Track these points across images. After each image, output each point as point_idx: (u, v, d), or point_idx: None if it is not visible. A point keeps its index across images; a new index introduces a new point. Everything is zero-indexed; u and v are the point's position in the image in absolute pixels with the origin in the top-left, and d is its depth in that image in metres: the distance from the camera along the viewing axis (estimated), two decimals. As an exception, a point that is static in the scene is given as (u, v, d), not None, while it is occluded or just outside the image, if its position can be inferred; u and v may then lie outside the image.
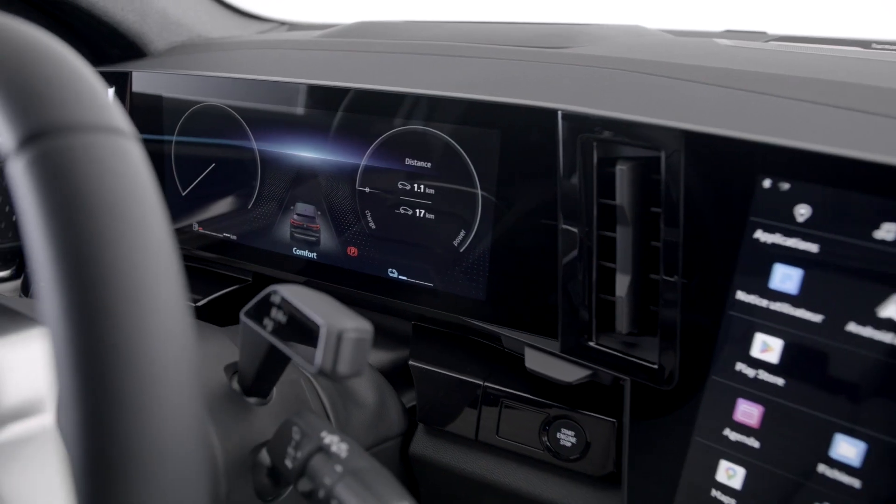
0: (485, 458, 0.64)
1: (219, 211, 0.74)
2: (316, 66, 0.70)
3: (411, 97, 0.61)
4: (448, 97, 0.59)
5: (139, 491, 0.23)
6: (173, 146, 0.76)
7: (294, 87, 0.67)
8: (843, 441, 0.45)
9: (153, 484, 0.24)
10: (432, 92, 0.60)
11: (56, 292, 0.24)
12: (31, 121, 0.26)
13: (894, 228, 0.42)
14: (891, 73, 0.60)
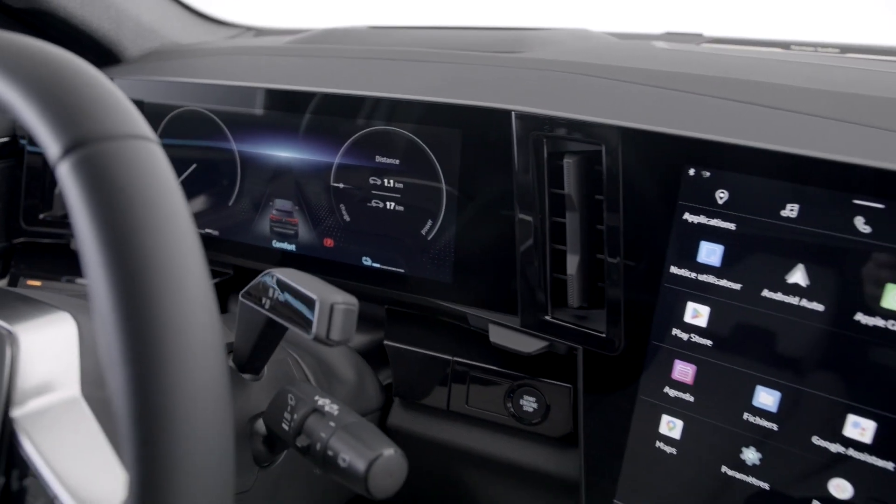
0: (456, 427, 0.70)
1: (201, 208, 0.79)
2: (290, 72, 0.76)
3: (380, 100, 0.67)
4: (413, 100, 0.65)
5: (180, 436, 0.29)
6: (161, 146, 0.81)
7: (271, 91, 0.72)
8: (763, 391, 0.53)
9: (191, 426, 0.29)
10: (399, 95, 0.66)
11: (103, 271, 0.30)
12: (72, 132, 0.31)
13: (797, 208, 0.50)
14: (801, 72, 0.68)
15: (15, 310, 0.43)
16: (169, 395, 0.29)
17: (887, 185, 0.47)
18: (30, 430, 0.37)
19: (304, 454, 0.44)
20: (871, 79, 0.69)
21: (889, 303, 0.47)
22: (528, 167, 0.60)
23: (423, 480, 0.77)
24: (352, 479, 0.41)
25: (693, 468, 0.56)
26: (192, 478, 0.29)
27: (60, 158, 0.31)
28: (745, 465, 0.54)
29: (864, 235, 0.48)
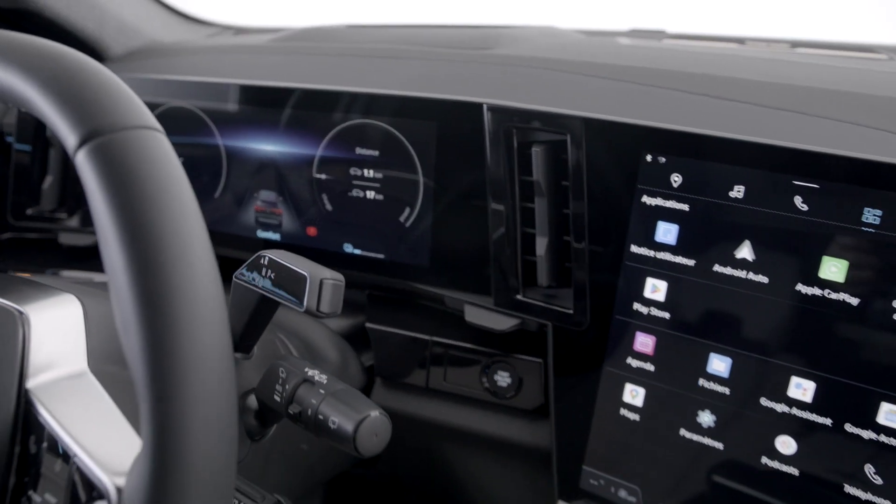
0: (435, 403, 0.74)
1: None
2: (273, 69, 0.79)
3: (359, 95, 0.71)
4: (390, 95, 0.69)
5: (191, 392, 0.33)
6: (141, 145, 0.84)
7: (255, 88, 0.76)
8: (716, 358, 0.58)
9: (200, 383, 0.33)
10: (377, 90, 0.70)
11: (120, 247, 0.33)
12: (88, 125, 0.35)
13: (743, 189, 0.54)
14: (751, 66, 0.73)
15: (23, 292, 0.46)
16: (181, 357, 0.33)
17: (822, 167, 0.52)
18: (44, 399, 0.41)
19: (296, 421, 0.48)
20: (814, 72, 0.74)
21: (825, 273, 0.52)
22: (499, 156, 0.64)
23: (406, 455, 0.81)
24: (341, 439, 0.45)
25: (654, 432, 0.61)
26: (202, 430, 0.33)
27: (78, 148, 0.34)
28: (701, 427, 0.59)
29: (802, 213, 0.52)
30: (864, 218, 0.51)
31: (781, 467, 0.56)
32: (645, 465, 0.62)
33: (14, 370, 0.41)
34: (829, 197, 0.52)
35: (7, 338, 0.42)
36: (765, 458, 0.57)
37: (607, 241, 0.61)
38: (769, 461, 0.57)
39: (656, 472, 0.62)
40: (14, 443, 0.40)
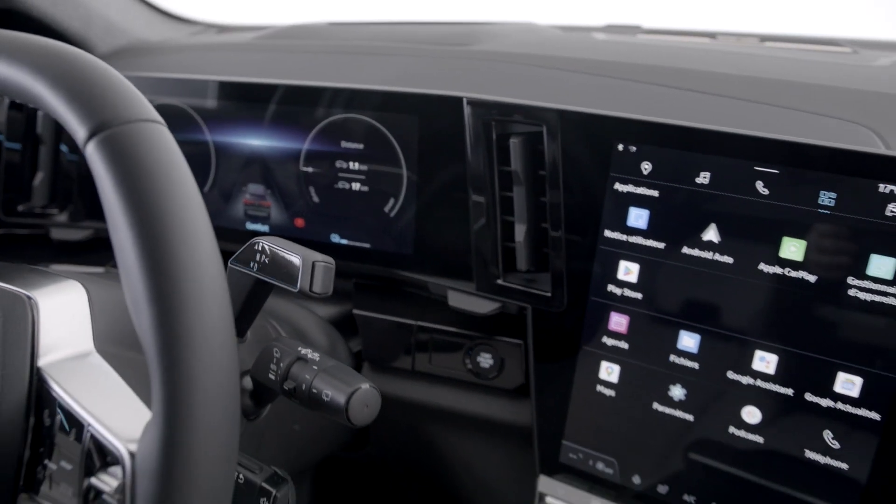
0: (421, 385, 0.77)
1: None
2: (260, 66, 0.82)
3: (344, 91, 0.73)
4: (374, 90, 0.72)
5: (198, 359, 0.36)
6: (131, 140, 0.86)
7: (242, 85, 0.78)
8: (685, 335, 0.61)
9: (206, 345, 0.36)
10: (361, 86, 0.73)
11: (129, 229, 0.36)
12: (96, 119, 0.37)
13: (709, 175, 0.58)
14: (719, 59, 0.77)
15: (30, 279, 0.49)
16: (188, 330, 0.35)
17: (781, 153, 0.55)
18: (55, 376, 0.43)
19: (291, 396, 0.51)
20: (779, 65, 0.78)
21: (785, 253, 0.56)
22: (478, 147, 0.67)
23: (394, 437, 0.84)
24: (334, 411, 0.48)
25: (629, 407, 0.65)
26: (209, 396, 0.36)
27: (87, 140, 0.37)
28: (672, 400, 0.63)
29: (764, 196, 0.56)
30: (821, 200, 0.54)
31: (747, 436, 0.60)
32: (621, 438, 0.66)
33: (26, 350, 0.44)
34: (788, 181, 0.55)
35: (18, 320, 0.45)
36: (732, 428, 0.61)
37: (582, 226, 0.64)
38: (736, 430, 0.60)
39: (632, 444, 0.65)
40: (28, 416, 0.43)
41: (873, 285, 0.53)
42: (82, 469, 0.40)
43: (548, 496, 0.70)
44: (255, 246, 0.50)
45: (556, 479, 0.70)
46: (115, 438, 0.39)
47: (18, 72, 0.39)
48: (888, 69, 0.77)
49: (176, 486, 0.35)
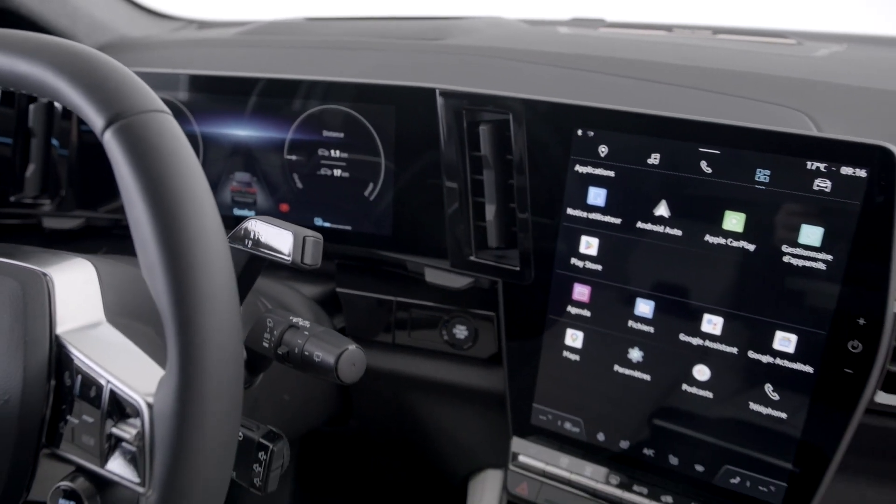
0: (401, 357, 0.83)
1: (166, 184, 0.89)
2: (244, 60, 0.86)
3: (324, 83, 0.78)
4: (353, 82, 0.77)
5: (207, 316, 0.41)
6: (120, 133, 0.90)
7: (227, 78, 0.83)
8: (641, 302, 0.67)
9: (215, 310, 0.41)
10: (341, 79, 0.78)
11: (144, 207, 0.41)
12: (112, 110, 0.42)
13: (659, 156, 0.64)
14: (672, 51, 0.83)
15: (44, 258, 0.54)
16: (198, 292, 0.41)
17: (722, 136, 0.61)
18: (73, 342, 0.48)
19: (285, 360, 0.56)
20: (727, 55, 0.85)
21: (727, 225, 0.62)
22: (450, 134, 0.73)
23: (376, 407, 0.90)
24: (324, 370, 0.53)
25: (592, 370, 0.71)
26: (218, 350, 0.41)
27: (104, 129, 0.42)
28: (631, 362, 0.69)
29: (707, 175, 0.62)
30: (757, 177, 0.61)
31: (698, 392, 0.66)
32: (586, 398, 0.72)
33: (45, 320, 0.49)
34: (728, 161, 0.61)
35: (36, 294, 0.49)
36: (684, 385, 0.67)
37: (547, 206, 0.70)
38: (688, 387, 0.67)
39: (596, 403, 0.71)
40: (49, 379, 0.47)
41: (804, 252, 0.60)
42: (104, 421, 0.45)
43: (521, 455, 0.76)
44: (248, 224, 0.55)
45: (528, 440, 0.76)
46: (133, 392, 0.44)
47: (38, 69, 0.44)
48: (825, 59, 0.84)
49: (190, 430, 0.41)
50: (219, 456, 0.42)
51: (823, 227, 0.59)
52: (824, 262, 0.59)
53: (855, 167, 0.57)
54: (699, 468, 0.68)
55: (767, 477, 0.65)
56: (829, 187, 0.58)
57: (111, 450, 0.45)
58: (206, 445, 0.41)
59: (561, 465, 0.74)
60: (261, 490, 0.55)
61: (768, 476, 0.65)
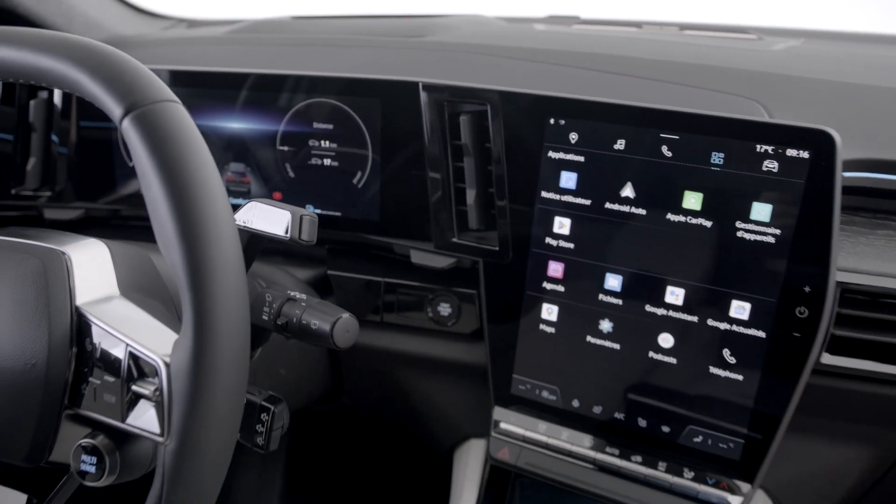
0: (389, 335, 0.88)
1: (163, 175, 0.93)
2: (237, 57, 0.91)
3: (314, 78, 0.83)
4: (342, 77, 0.82)
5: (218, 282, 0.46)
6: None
7: (221, 74, 0.88)
8: (610, 276, 0.73)
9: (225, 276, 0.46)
10: (330, 74, 0.83)
11: (161, 185, 0.46)
12: (129, 100, 0.47)
13: (624, 142, 0.70)
14: (639, 46, 0.89)
15: (62, 239, 0.58)
16: (210, 261, 0.46)
17: (680, 122, 0.67)
18: (92, 311, 0.53)
19: (283, 331, 0.61)
20: (691, 50, 0.91)
21: (687, 204, 0.68)
22: (433, 125, 0.78)
23: (366, 383, 0.95)
24: (321, 337, 0.58)
25: (566, 341, 0.77)
26: (228, 313, 0.46)
27: (122, 118, 0.47)
28: (602, 332, 0.75)
29: (668, 158, 0.68)
30: (712, 160, 0.67)
31: (664, 358, 0.72)
32: (561, 368, 0.78)
33: (65, 293, 0.53)
34: (686, 145, 0.67)
35: (56, 270, 0.54)
36: (651, 353, 0.73)
37: (523, 189, 0.75)
38: (654, 354, 0.73)
39: (570, 372, 0.77)
40: (72, 346, 0.52)
41: (755, 227, 0.66)
42: (124, 379, 0.50)
43: (502, 423, 0.82)
44: (249, 205, 0.60)
45: (508, 408, 0.82)
46: (152, 353, 0.49)
47: (60, 64, 0.49)
48: (780, 53, 0.90)
49: (204, 384, 0.46)
50: (230, 407, 0.47)
51: (772, 205, 0.65)
52: (773, 237, 0.65)
53: (799, 149, 0.63)
54: (665, 429, 0.74)
55: (727, 434, 0.71)
56: (776, 168, 0.64)
57: (131, 406, 0.50)
58: (218, 397, 0.46)
59: (539, 431, 0.80)
60: (263, 449, 0.60)
61: (727, 434, 0.71)
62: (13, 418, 0.53)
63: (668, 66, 0.83)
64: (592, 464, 0.77)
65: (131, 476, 0.55)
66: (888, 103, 0.75)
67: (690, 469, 0.74)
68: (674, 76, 0.82)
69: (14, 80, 0.51)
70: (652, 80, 0.81)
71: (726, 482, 0.72)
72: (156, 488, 0.48)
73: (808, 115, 0.74)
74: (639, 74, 0.82)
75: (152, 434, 0.48)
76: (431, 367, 0.89)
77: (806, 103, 0.76)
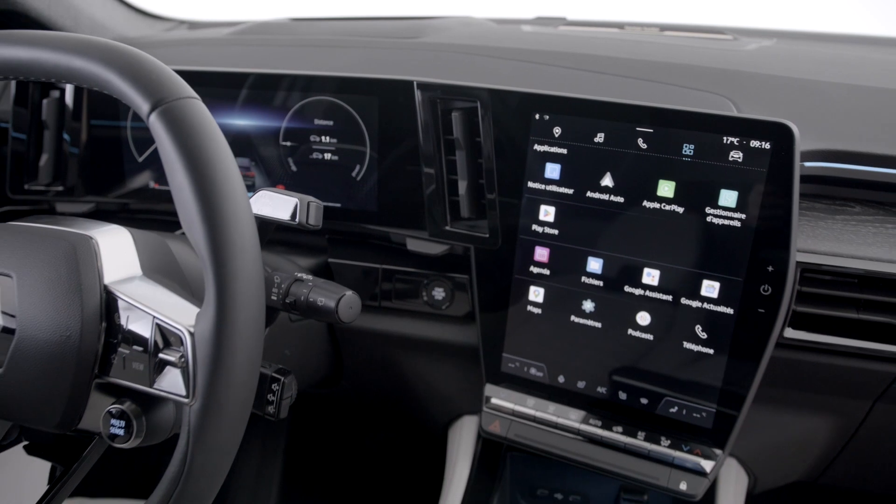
0: (387, 319, 0.94)
1: (172, 170, 0.99)
2: (240, 58, 0.97)
3: (315, 77, 0.89)
4: (340, 76, 0.88)
5: (238, 259, 0.51)
6: (129, 127, 1.00)
7: (227, 74, 0.93)
8: (592, 260, 0.79)
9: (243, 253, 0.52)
10: (330, 73, 0.89)
11: (186, 173, 0.51)
12: (155, 97, 0.53)
13: (603, 135, 0.76)
14: (620, 46, 0.95)
15: (88, 225, 0.64)
16: (230, 241, 0.51)
17: (655, 117, 0.73)
18: (119, 289, 0.58)
19: (291, 309, 0.67)
20: (668, 50, 0.97)
21: (661, 192, 0.74)
22: (427, 121, 0.84)
23: (365, 365, 1.01)
24: (327, 313, 0.64)
25: (552, 320, 0.82)
26: (247, 286, 0.52)
27: (150, 113, 0.52)
28: (585, 312, 0.81)
29: (643, 150, 0.74)
30: (684, 151, 0.73)
31: (641, 335, 0.78)
32: (547, 346, 0.84)
33: (94, 272, 0.59)
34: (660, 138, 0.73)
35: (85, 252, 0.60)
36: (630, 330, 0.79)
37: (511, 180, 0.81)
38: (633, 331, 0.79)
39: (556, 349, 0.83)
40: (102, 320, 0.58)
41: (723, 212, 0.72)
42: (152, 349, 0.55)
43: (493, 398, 0.87)
44: (260, 193, 0.66)
45: (499, 385, 0.88)
46: (177, 324, 0.54)
47: (91, 65, 0.54)
48: (751, 53, 0.96)
49: (226, 350, 0.51)
50: (248, 371, 0.53)
51: (737, 191, 0.71)
52: (739, 221, 0.71)
53: (761, 141, 0.69)
54: (644, 401, 0.80)
55: (699, 405, 0.77)
56: (741, 158, 0.70)
57: (158, 372, 0.55)
58: (238, 362, 0.52)
59: (528, 405, 0.86)
60: (274, 417, 0.65)
61: (700, 404, 0.77)
62: (48, 387, 0.58)
63: (647, 65, 0.89)
64: (577, 434, 0.83)
65: (154, 440, 0.61)
66: (846, 99, 0.81)
67: (667, 437, 0.80)
68: (652, 74, 0.88)
69: (47, 79, 0.57)
70: (632, 79, 0.87)
71: (700, 449, 0.78)
72: (181, 447, 0.54)
73: (773, 109, 0.80)
74: (619, 73, 0.88)
75: (179, 396, 0.54)
76: (427, 349, 0.95)
77: (771, 99, 0.82)
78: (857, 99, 0.81)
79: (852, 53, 0.98)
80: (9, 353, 0.58)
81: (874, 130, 0.78)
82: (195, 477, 0.53)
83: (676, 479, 0.78)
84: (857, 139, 0.77)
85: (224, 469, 0.55)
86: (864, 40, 1.08)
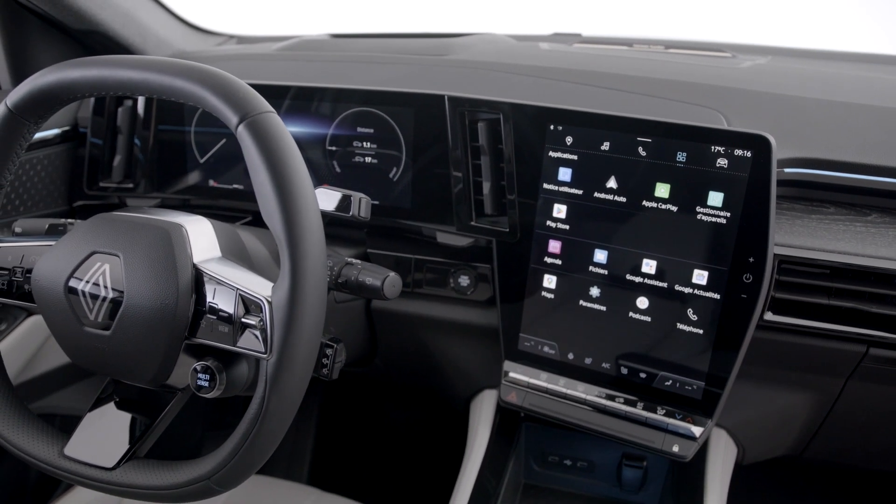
0: (418, 302, 1.06)
1: (227, 169, 1.12)
2: (291, 72, 1.10)
3: (358, 90, 1.02)
4: (381, 90, 1.01)
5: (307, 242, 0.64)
6: (192, 131, 1.13)
7: (280, 87, 1.06)
8: (598, 252, 0.91)
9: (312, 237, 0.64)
10: (371, 87, 1.02)
11: (270, 177, 0.64)
12: (242, 111, 0.66)
13: (608, 144, 0.88)
14: (628, 63, 1.07)
15: (176, 215, 0.77)
16: (303, 227, 0.64)
17: (652, 128, 0.85)
18: (207, 266, 0.71)
19: (343, 287, 0.79)
20: (669, 67, 1.09)
21: (658, 193, 0.86)
22: (456, 130, 0.96)
23: (397, 344, 1.13)
24: (374, 291, 0.76)
25: (563, 304, 0.95)
26: (315, 263, 0.65)
27: (238, 125, 0.65)
28: (591, 297, 0.93)
29: (643, 157, 0.86)
30: (677, 158, 0.85)
31: (640, 317, 0.90)
32: (559, 327, 0.96)
33: (186, 253, 0.72)
34: (657, 146, 0.85)
35: (178, 236, 0.73)
36: (630, 313, 0.91)
37: (528, 182, 0.93)
38: (633, 314, 0.90)
39: (566, 330, 0.95)
40: (192, 291, 0.71)
41: (711, 211, 0.84)
42: (236, 314, 0.68)
43: (511, 373, 1.00)
44: (319, 191, 0.78)
45: (517, 362, 1.00)
46: (257, 294, 0.67)
47: (189, 84, 0.67)
48: (745, 70, 1.08)
49: (297, 314, 0.64)
50: (314, 332, 0.66)
51: (723, 193, 0.83)
52: (725, 218, 0.83)
53: (743, 150, 0.81)
54: (642, 375, 0.92)
55: (690, 379, 0.89)
56: (726, 164, 0.82)
57: (240, 333, 0.68)
58: (307, 325, 0.65)
59: (541, 379, 0.98)
60: (328, 377, 0.78)
61: (691, 378, 0.89)
62: (147, 347, 0.71)
63: (650, 81, 1.01)
64: (584, 404, 0.95)
65: (232, 392, 0.74)
66: (823, 113, 0.93)
67: (662, 407, 0.91)
68: (653, 90, 1.00)
69: (151, 95, 0.70)
70: (636, 94, 0.99)
71: (691, 417, 0.90)
72: (258, 394, 0.66)
73: (759, 122, 0.91)
74: (625, 89, 1.00)
75: (258, 352, 0.67)
76: (452, 329, 1.07)
77: (758, 112, 0.94)
78: (833, 113, 0.93)
79: (834, 70, 1.09)
80: (117, 318, 0.71)
81: (847, 141, 0.89)
82: (270, 417, 0.66)
83: (670, 442, 0.90)
84: (832, 148, 0.88)
85: (292, 413, 0.68)
86: (848, 57, 1.19)
